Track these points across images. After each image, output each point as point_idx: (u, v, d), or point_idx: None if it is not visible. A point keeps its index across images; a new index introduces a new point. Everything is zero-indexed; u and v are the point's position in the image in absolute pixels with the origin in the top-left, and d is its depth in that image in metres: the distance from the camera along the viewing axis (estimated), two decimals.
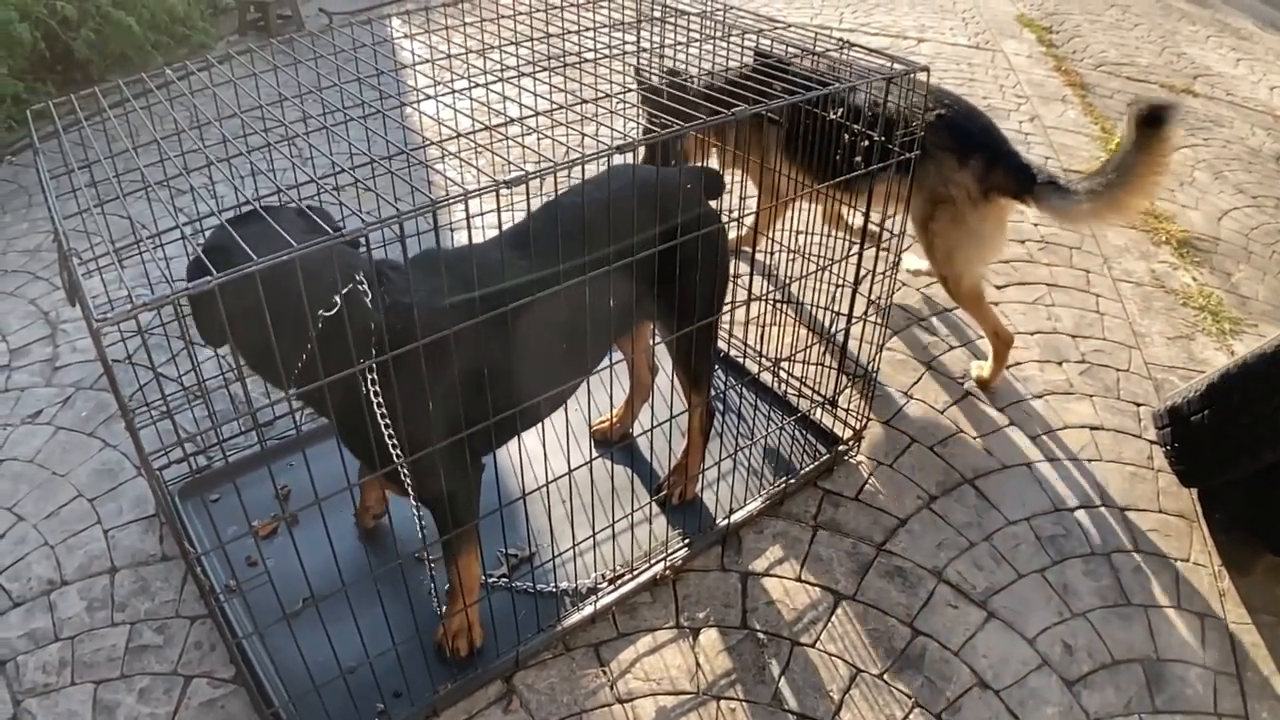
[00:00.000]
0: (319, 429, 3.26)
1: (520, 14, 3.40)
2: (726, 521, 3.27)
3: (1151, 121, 3.32)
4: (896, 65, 3.00)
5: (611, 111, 2.67)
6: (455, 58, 3.17)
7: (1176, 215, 5.48)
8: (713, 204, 3.05)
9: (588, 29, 3.43)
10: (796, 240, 3.56)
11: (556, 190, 2.46)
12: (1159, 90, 7.41)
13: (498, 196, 2.16)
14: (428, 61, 3.12)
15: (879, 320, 3.45)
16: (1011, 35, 8.50)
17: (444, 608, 2.84)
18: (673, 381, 3.15)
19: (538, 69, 2.99)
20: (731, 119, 2.59)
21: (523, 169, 2.22)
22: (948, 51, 7.95)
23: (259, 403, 3.54)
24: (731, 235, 4.52)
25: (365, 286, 2.25)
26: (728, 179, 3.22)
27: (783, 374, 3.86)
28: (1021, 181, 3.59)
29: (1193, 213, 5.56)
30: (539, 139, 2.81)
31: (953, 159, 3.57)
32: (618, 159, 2.44)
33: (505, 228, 2.58)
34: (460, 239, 4.33)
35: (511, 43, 3.26)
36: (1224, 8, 10.20)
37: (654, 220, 2.69)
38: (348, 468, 2.36)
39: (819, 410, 3.73)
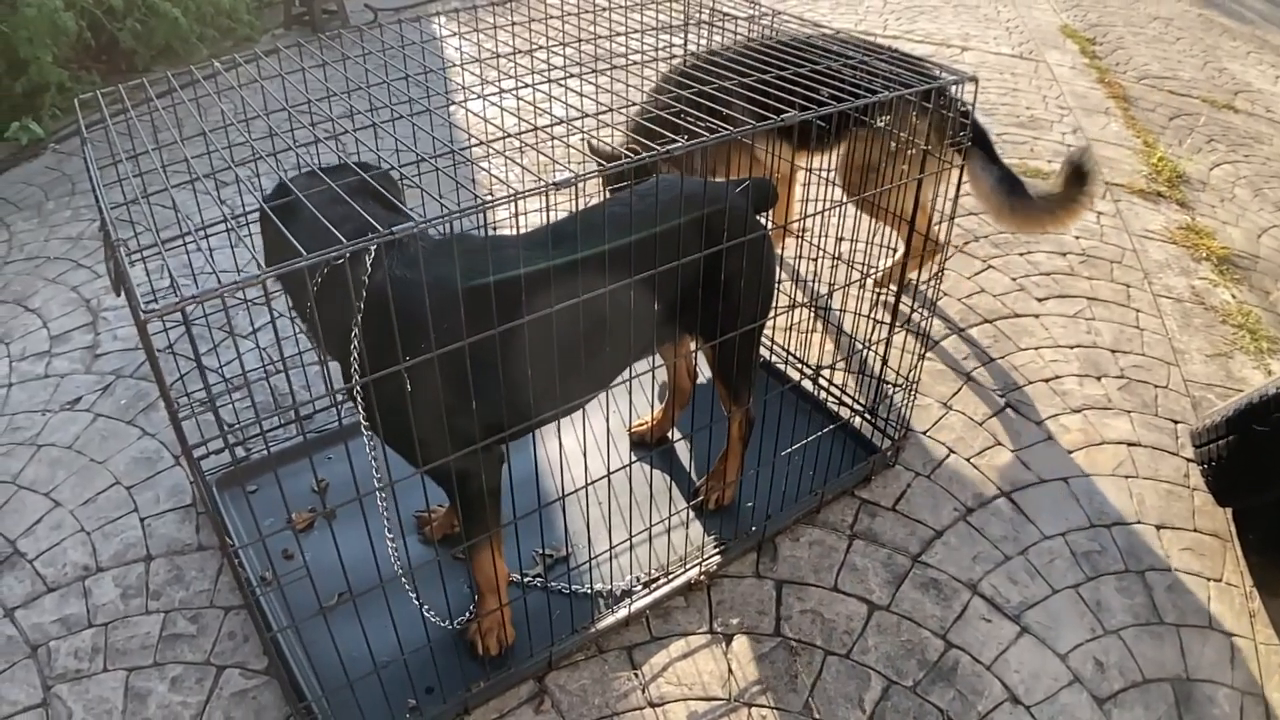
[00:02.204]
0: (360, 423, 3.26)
1: (568, 14, 3.41)
2: (763, 528, 3.26)
3: (1079, 174, 3.86)
4: (945, 74, 2.98)
5: (659, 113, 2.65)
6: (502, 57, 3.17)
7: (1216, 231, 5.43)
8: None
9: (635, 31, 3.43)
10: (838, 247, 3.54)
11: (602, 193, 2.46)
12: (1200, 105, 7.35)
13: (547, 197, 2.16)
14: (475, 61, 3.13)
15: (920, 330, 3.42)
16: (1055, 46, 8.45)
17: (447, 621, 2.83)
18: (713, 388, 3.13)
19: (584, 70, 2.99)
20: (782, 123, 2.59)
21: (569, 169, 2.22)
22: (991, 61, 7.91)
23: (300, 396, 3.56)
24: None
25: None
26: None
27: (822, 381, 3.85)
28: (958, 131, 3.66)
29: (1233, 229, 5.52)
30: (584, 140, 2.82)
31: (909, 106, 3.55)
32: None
33: (543, 225, 2.59)
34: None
35: (559, 44, 3.27)
36: (1264, 24, 10.11)
37: (696, 233, 2.67)
38: (390, 463, 2.36)
39: (858, 419, 3.71)
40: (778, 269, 3.10)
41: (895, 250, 3.29)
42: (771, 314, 3.06)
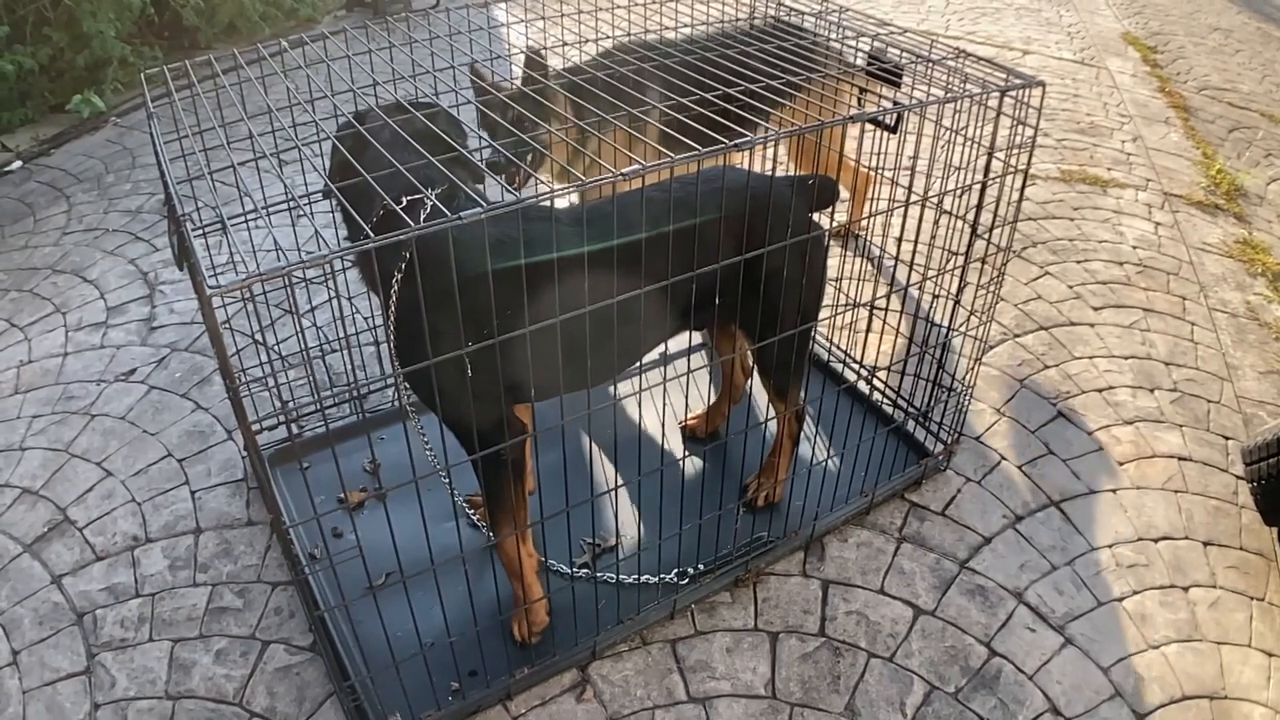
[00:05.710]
0: (415, 404, 3.27)
1: (634, 5, 3.41)
2: (811, 528, 3.24)
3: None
4: (1014, 79, 2.94)
5: (725, 105, 2.64)
6: (567, 45, 3.18)
7: (1273, 247, 5.37)
8: None
9: (698, 24, 3.42)
10: (899, 249, 3.52)
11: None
12: (1259, 118, 7.26)
13: (614, 187, 2.16)
14: (541, 48, 3.13)
15: (977, 335, 3.40)
16: (1117, 53, 8.36)
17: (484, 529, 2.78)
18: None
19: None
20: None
21: (633, 158, 2.22)
22: (1053, 65, 7.83)
23: (353, 376, 3.58)
24: None
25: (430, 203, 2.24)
26: None
27: (877, 383, 3.83)
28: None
29: None
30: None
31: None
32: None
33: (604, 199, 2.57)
34: None
35: (624, 35, 3.27)
36: None
37: (744, 228, 2.63)
38: (446, 445, 2.36)
39: (911, 422, 3.69)
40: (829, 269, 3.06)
41: (957, 253, 3.23)
42: (830, 313, 3.03)
